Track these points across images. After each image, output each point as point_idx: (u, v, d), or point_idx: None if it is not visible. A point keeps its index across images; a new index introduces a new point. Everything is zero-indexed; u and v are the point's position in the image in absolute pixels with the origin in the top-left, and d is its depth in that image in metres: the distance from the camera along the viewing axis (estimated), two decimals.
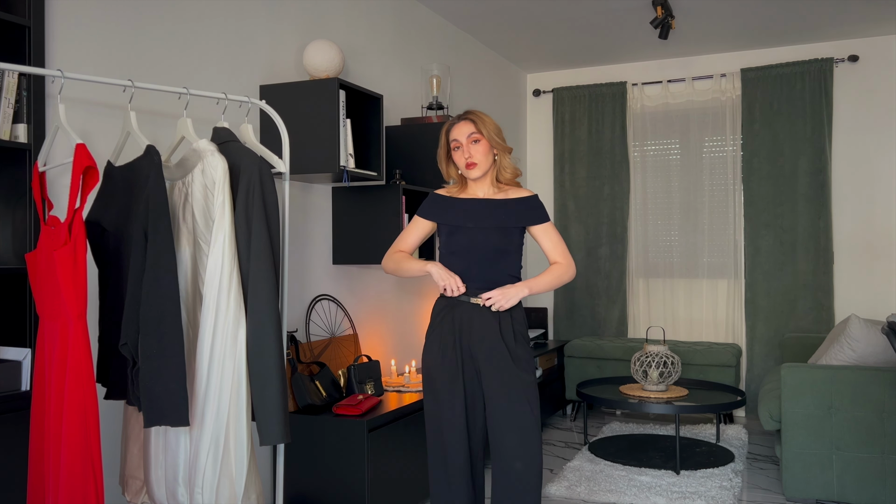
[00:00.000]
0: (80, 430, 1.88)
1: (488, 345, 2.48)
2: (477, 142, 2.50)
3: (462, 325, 2.51)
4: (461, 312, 2.51)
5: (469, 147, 2.50)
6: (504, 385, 2.47)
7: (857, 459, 3.47)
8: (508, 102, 5.95)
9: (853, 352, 3.71)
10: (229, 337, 2.07)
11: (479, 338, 2.49)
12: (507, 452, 2.46)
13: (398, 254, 2.63)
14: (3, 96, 2.13)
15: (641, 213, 5.85)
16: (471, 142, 2.50)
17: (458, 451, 2.50)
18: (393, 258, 2.62)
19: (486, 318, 2.50)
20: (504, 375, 2.47)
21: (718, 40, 5.35)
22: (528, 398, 2.47)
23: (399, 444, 3.26)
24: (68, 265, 1.88)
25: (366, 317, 4.01)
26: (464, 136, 2.51)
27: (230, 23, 3.14)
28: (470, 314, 2.50)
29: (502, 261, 2.54)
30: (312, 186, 3.63)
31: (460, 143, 2.52)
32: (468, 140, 2.50)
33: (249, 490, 2.10)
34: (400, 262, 2.60)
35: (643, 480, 3.91)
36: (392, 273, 2.64)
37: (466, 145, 2.51)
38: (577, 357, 5.42)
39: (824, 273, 5.28)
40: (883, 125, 5.27)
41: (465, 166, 2.52)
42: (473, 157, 2.50)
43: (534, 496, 2.46)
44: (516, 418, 2.45)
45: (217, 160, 2.09)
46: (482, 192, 2.59)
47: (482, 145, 2.51)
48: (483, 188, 2.59)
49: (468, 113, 2.55)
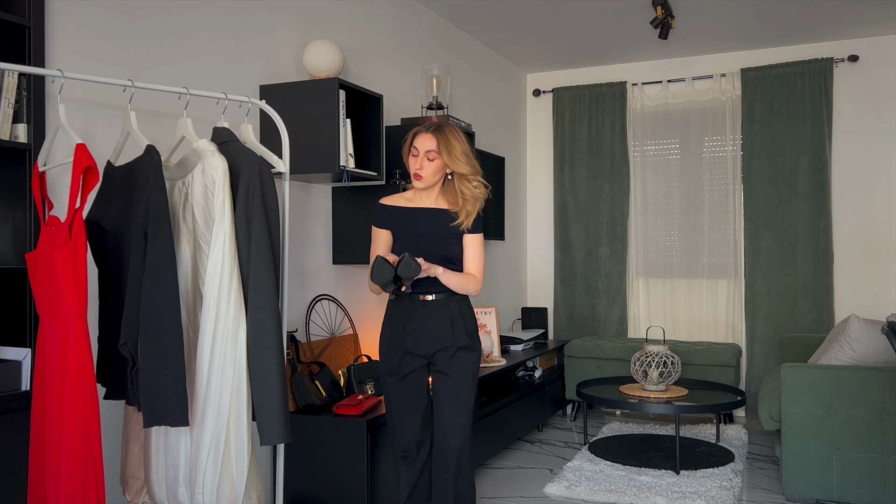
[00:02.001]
0: (80, 430, 1.88)
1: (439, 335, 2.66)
2: (431, 160, 2.62)
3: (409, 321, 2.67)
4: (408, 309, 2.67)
5: (423, 160, 2.62)
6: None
7: (857, 459, 3.47)
8: (508, 102, 5.95)
9: (853, 352, 3.71)
10: (229, 337, 2.07)
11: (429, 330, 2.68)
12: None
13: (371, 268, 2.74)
14: (3, 96, 2.13)
15: (641, 213, 5.85)
16: (426, 157, 2.62)
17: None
18: (370, 273, 2.69)
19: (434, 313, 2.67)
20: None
21: (718, 40, 5.35)
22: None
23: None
24: (68, 265, 1.88)
25: (366, 317, 4.01)
26: (423, 149, 2.63)
27: (230, 23, 3.14)
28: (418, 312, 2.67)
29: (446, 266, 2.66)
30: (312, 186, 3.63)
31: (418, 152, 2.64)
32: (425, 155, 2.62)
33: (250, 490, 2.11)
34: (370, 272, 2.69)
35: (643, 480, 3.91)
36: (375, 288, 2.72)
37: (421, 157, 2.63)
38: (576, 357, 5.42)
39: (824, 273, 5.28)
40: (883, 125, 5.27)
41: (413, 175, 2.65)
42: (423, 170, 2.62)
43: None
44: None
45: (217, 160, 2.09)
46: (429, 203, 2.71)
47: (435, 164, 2.62)
48: (430, 199, 2.71)
49: (438, 129, 2.64)
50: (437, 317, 2.65)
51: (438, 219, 2.66)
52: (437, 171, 2.63)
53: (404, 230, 2.68)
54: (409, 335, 2.66)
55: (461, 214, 2.65)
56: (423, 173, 2.62)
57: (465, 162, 2.62)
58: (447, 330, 2.65)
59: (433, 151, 2.60)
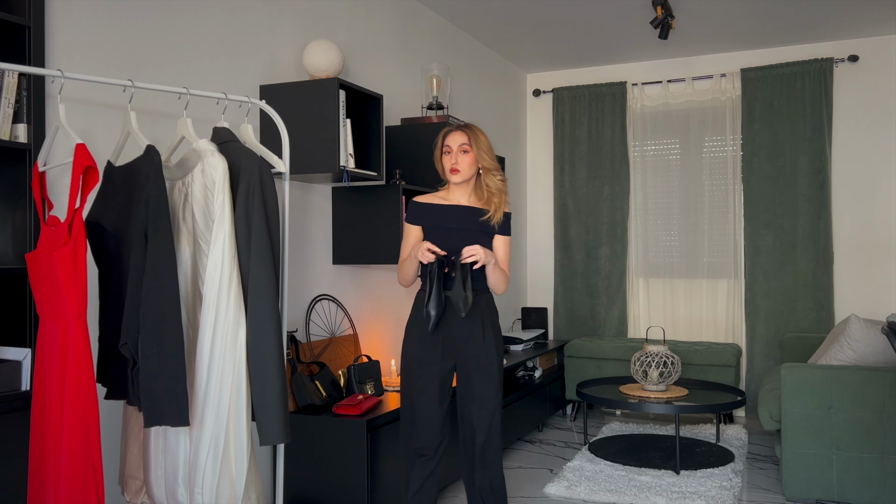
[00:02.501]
0: (80, 430, 1.88)
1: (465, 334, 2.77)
2: (465, 152, 2.77)
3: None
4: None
5: (457, 155, 2.77)
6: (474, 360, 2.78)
7: (857, 459, 3.47)
8: (508, 102, 5.95)
9: (853, 352, 3.71)
10: (229, 337, 2.07)
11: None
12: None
13: (401, 263, 2.86)
14: (3, 96, 2.13)
15: (641, 213, 5.85)
16: (460, 151, 2.77)
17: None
18: (399, 268, 2.87)
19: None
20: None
21: (718, 40, 5.35)
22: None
23: (399, 444, 3.26)
24: (68, 265, 1.88)
25: (366, 317, 4.01)
26: (455, 144, 2.78)
27: (230, 23, 3.14)
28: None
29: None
30: (312, 186, 3.63)
31: (451, 149, 2.79)
32: (458, 149, 2.77)
33: (249, 490, 2.10)
34: (400, 267, 2.86)
35: (643, 480, 3.91)
36: (404, 280, 2.85)
37: (455, 153, 2.77)
38: (576, 357, 5.42)
39: (824, 273, 5.28)
40: (883, 125, 5.27)
41: (450, 171, 2.79)
42: (458, 164, 2.77)
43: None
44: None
45: (217, 160, 2.09)
46: (463, 200, 2.84)
47: (469, 156, 2.78)
48: (463, 196, 2.84)
49: (465, 126, 2.82)
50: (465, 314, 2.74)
51: (470, 215, 2.80)
52: (472, 163, 2.79)
53: (436, 224, 2.80)
54: (437, 331, 2.73)
55: (490, 209, 2.80)
56: (460, 167, 2.77)
57: (490, 157, 2.80)
58: (475, 327, 2.75)
59: (465, 144, 2.77)
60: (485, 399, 2.74)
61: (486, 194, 2.81)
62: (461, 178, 2.78)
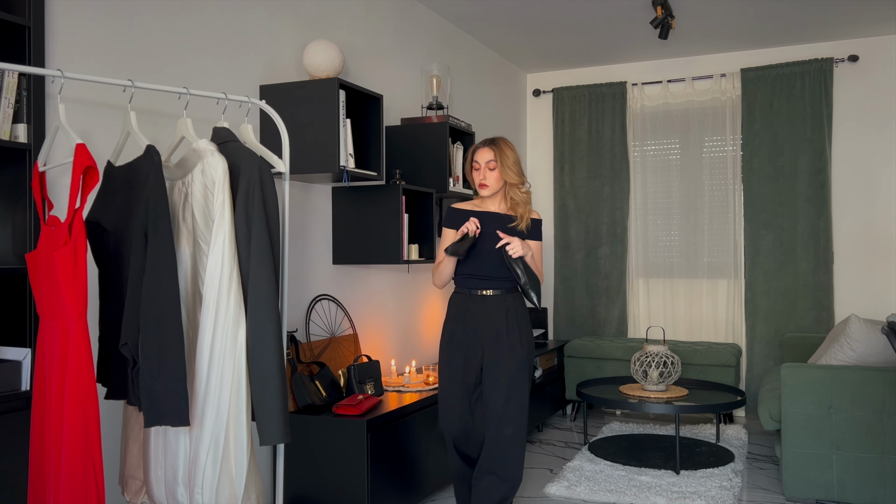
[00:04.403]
0: (80, 430, 1.88)
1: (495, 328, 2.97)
2: (492, 169, 2.96)
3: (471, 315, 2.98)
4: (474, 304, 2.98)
5: (485, 171, 2.97)
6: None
7: (857, 459, 3.47)
8: (508, 102, 5.95)
9: (853, 352, 3.71)
10: (229, 337, 2.07)
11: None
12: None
13: (437, 265, 3.05)
14: (3, 96, 2.13)
15: (641, 213, 5.85)
16: (488, 168, 2.96)
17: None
18: (434, 270, 3.05)
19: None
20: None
21: (718, 40, 5.35)
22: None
23: (399, 444, 3.26)
24: (68, 265, 1.88)
25: (366, 317, 4.01)
26: (483, 161, 2.98)
27: (230, 23, 3.14)
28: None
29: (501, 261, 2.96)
30: (312, 186, 3.63)
31: (480, 165, 2.98)
32: (486, 166, 2.97)
33: (249, 490, 2.10)
34: (436, 268, 3.03)
35: (643, 480, 3.91)
36: (440, 281, 3.03)
37: (484, 169, 2.97)
38: (576, 357, 5.42)
39: (824, 273, 5.28)
40: (883, 125, 5.27)
41: (479, 186, 3.01)
42: (487, 180, 2.97)
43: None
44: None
45: (217, 160, 2.09)
46: (494, 208, 3.04)
47: (496, 172, 2.97)
48: (494, 204, 3.04)
49: (493, 143, 2.99)
50: (495, 311, 2.94)
51: (501, 221, 3.00)
52: (500, 178, 2.97)
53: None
54: (469, 327, 2.95)
55: (517, 217, 3.00)
56: (488, 182, 2.97)
57: (515, 171, 2.96)
58: (503, 324, 2.93)
59: (492, 161, 2.95)
60: (501, 386, 2.91)
61: (511, 203, 3.01)
62: (489, 192, 2.99)
